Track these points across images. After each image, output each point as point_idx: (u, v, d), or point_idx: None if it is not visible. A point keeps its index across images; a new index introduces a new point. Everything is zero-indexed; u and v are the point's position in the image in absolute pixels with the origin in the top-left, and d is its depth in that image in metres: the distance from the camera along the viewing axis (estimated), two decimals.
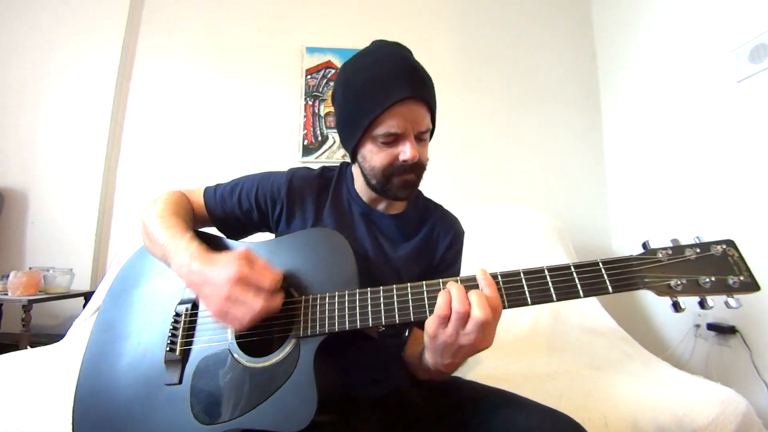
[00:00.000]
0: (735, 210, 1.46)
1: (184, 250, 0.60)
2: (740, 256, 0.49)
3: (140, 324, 0.67)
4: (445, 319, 0.51)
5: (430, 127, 0.69)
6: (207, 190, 0.78)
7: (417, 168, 0.69)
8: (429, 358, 0.56)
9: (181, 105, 2.15)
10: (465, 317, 0.50)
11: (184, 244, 0.61)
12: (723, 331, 1.46)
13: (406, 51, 0.70)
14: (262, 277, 0.55)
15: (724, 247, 0.49)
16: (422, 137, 0.68)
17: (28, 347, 1.34)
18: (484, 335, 0.51)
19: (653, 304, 1.86)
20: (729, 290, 0.47)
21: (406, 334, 0.76)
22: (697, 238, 0.51)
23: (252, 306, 0.53)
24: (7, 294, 1.59)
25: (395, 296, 0.57)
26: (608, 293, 0.49)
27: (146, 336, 0.65)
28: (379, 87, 0.64)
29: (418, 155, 0.66)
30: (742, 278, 0.47)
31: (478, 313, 0.49)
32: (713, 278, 0.48)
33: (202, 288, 0.56)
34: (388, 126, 0.64)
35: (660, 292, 0.49)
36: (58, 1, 2.14)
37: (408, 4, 2.32)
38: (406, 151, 0.65)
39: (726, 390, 0.95)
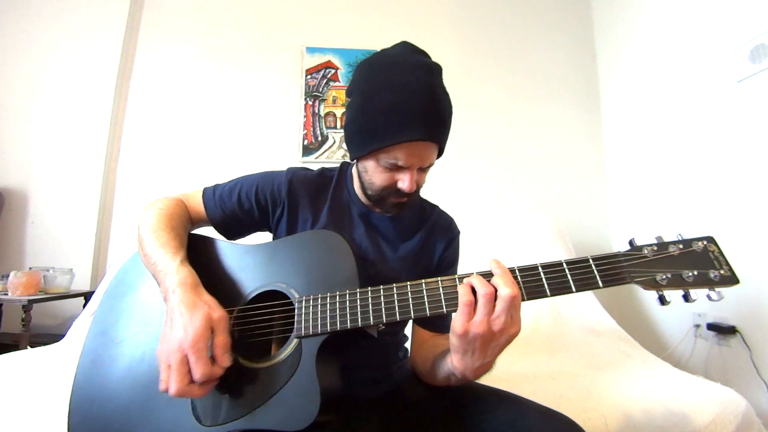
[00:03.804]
0: (735, 209, 1.46)
1: (173, 276, 0.59)
2: (720, 252, 0.51)
3: (138, 327, 0.67)
4: (472, 306, 0.51)
5: (434, 161, 0.70)
6: (206, 191, 0.78)
7: (412, 193, 0.69)
8: (457, 363, 0.55)
9: (181, 105, 2.15)
10: (492, 298, 0.51)
11: (174, 269, 0.60)
12: (723, 331, 1.46)
13: (436, 76, 0.66)
14: (200, 365, 0.52)
15: (705, 243, 0.52)
16: (425, 168, 0.69)
17: (28, 347, 1.34)
18: (513, 319, 0.51)
19: (653, 304, 1.86)
20: (710, 284, 0.50)
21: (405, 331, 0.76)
22: (680, 235, 0.54)
23: (171, 384, 0.52)
24: (7, 294, 1.58)
25: (395, 295, 0.58)
26: (599, 287, 0.52)
27: (144, 339, 0.65)
28: (397, 120, 0.62)
29: (415, 186, 0.67)
30: (722, 272, 0.50)
31: (505, 290, 0.50)
32: (695, 272, 0.50)
33: (167, 322, 0.56)
34: (394, 157, 0.65)
35: (646, 286, 0.52)
36: (59, 1, 2.14)
37: (409, 4, 2.32)
38: (405, 181, 0.66)
39: (726, 390, 0.95)
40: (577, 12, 2.40)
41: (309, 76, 2.20)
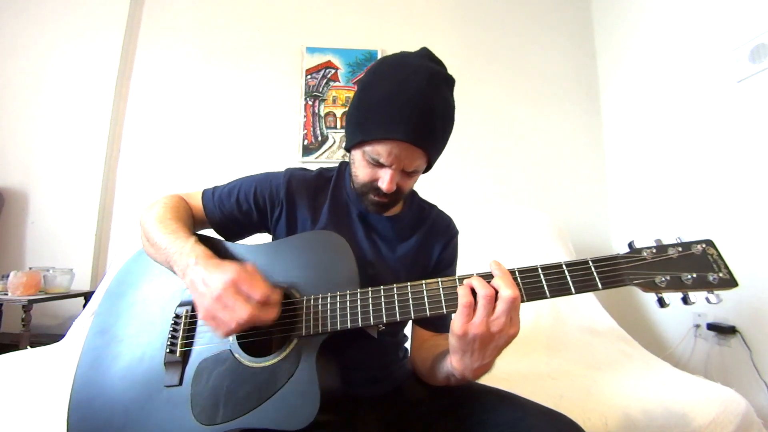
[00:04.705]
0: (736, 209, 1.46)
1: (190, 252, 0.60)
2: (719, 255, 0.52)
3: (138, 327, 0.67)
4: (471, 308, 0.51)
5: (420, 169, 0.68)
6: (205, 193, 0.78)
7: (392, 195, 0.68)
8: (456, 363, 0.55)
9: (181, 105, 2.15)
10: (492, 299, 0.51)
11: (189, 247, 0.61)
12: (723, 331, 1.46)
13: (438, 85, 0.64)
14: (257, 286, 0.54)
15: (704, 246, 0.52)
16: (409, 173, 0.67)
17: (28, 347, 1.34)
18: (512, 320, 0.52)
19: (653, 304, 1.86)
20: (709, 286, 0.50)
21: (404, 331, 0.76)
22: (679, 238, 0.54)
23: (239, 312, 0.52)
24: (7, 294, 1.59)
25: (395, 295, 0.58)
26: (598, 289, 0.53)
27: (144, 338, 0.65)
28: (385, 115, 0.62)
29: (394, 188, 0.66)
30: (721, 275, 0.50)
31: (506, 291, 0.50)
32: (695, 275, 0.51)
33: (197, 287, 0.56)
34: (376, 152, 0.64)
35: (645, 289, 0.52)
36: (59, 1, 2.14)
37: (409, 4, 2.32)
38: (384, 180, 0.65)
39: (726, 390, 0.95)
40: (577, 12, 2.40)
41: (309, 76, 2.20)
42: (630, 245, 0.54)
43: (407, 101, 0.61)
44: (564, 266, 0.53)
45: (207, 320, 0.55)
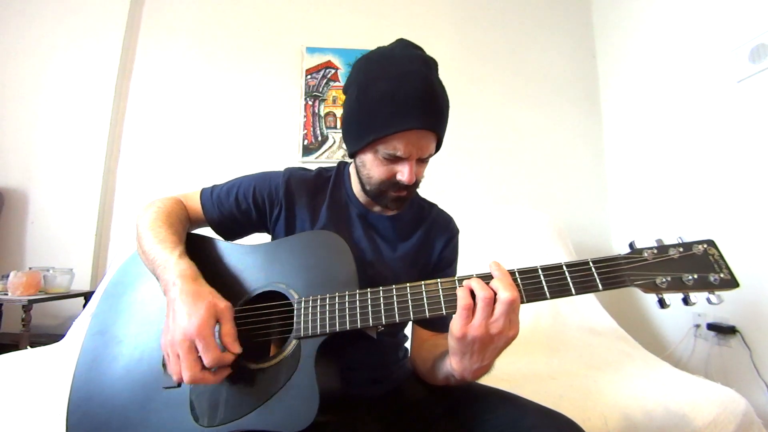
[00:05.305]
0: (735, 209, 1.46)
1: (173, 269, 0.59)
2: (720, 255, 0.51)
3: (136, 327, 0.67)
4: (470, 310, 0.51)
5: (432, 153, 0.69)
6: (203, 192, 0.78)
7: (411, 186, 0.69)
8: (455, 364, 0.55)
9: (181, 105, 2.15)
10: (491, 302, 0.50)
11: (173, 262, 0.60)
12: (723, 331, 1.46)
13: (432, 68, 0.67)
14: (210, 351, 0.52)
15: (705, 246, 0.52)
16: (423, 159, 0.69)
17: (28, 347, 1.34)
18: (511, 322, 0.51)
19: (653, 304, 1.86)
20: (710, 287, 0.50)
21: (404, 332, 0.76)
22: (680, 238, 0.53)
23: (183, 370, 0.52)
24: (7, 294, 1.58)
25: (395, 296, 0.57)
26: (598, 290, 0.52)
27: (143, 339, 0.65)
28: (394, 108, 0.62)
29: (415, 178, 0.67)
30: (722, 275, 0.50)
31: (505, 293, 0.50)
32: (696, 276, 0.50)
33: (168, 314, 0.56)
34: (393, 147, 0.64)
35: (646, 289, 0.51)
36: (58, 1, 2.14)
37: (408, 3, 2.32)
38: (404, 173, 0.66)
39: (726, 390, 0.95)
40: (577, 12, 2.40)
41: (309, 76, 2.20)
42: (631, 245, 0.54)
43: (414, 90, 0.62)
44: (564, 267, 0.53)
45: (162, 351, 0.55)
